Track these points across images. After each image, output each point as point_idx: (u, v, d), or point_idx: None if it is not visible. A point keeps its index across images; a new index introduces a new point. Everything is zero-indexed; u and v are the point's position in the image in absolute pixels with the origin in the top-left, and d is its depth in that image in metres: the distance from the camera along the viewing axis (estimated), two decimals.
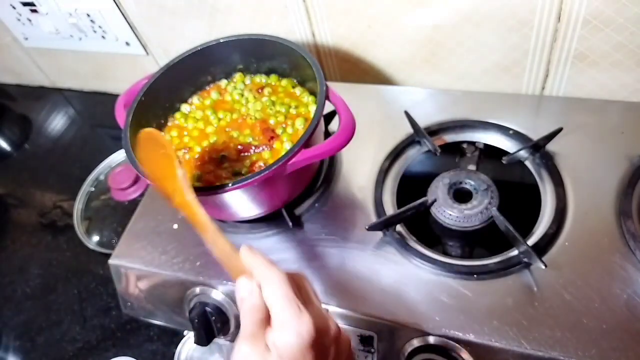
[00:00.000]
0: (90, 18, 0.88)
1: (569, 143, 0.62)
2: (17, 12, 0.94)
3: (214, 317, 0.59)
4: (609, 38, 0.62)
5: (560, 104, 0.68)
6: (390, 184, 0.64)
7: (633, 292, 0.49)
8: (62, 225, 0.90)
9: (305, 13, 0.75)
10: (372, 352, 0.55)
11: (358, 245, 0.59)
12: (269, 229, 0.63)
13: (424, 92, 0.72)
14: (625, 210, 0.54)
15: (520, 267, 0.53)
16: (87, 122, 1.09)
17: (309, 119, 0.60)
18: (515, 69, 0.71)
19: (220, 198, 0.54)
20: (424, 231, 0.60)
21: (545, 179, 0.61)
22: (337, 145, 0.53)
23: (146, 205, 0.70)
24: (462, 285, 0.53)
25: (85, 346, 0.76)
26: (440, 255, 0.56)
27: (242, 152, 0.59)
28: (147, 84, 0.62)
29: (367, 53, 0.78)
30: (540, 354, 0.48)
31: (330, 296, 0.56)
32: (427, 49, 0.73)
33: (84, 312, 0.79)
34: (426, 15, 0.68)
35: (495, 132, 0.66)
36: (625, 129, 0.61)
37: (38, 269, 0.86)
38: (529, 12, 0.63)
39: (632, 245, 0.52)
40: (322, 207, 0.63)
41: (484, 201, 0.57)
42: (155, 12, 0.84)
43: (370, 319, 0.54)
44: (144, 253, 0.64)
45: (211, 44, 0.65)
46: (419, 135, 0.66)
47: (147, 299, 0.66)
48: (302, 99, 0.64)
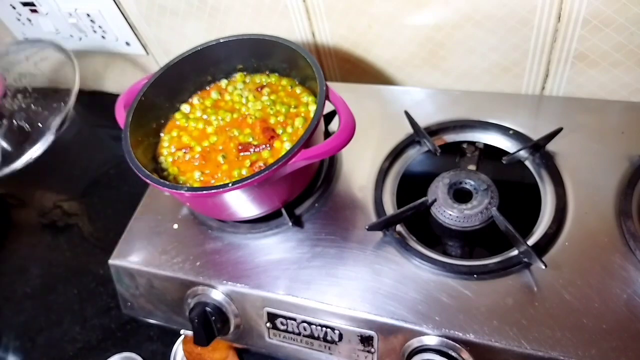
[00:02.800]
0: (90, 18, 0.88)
1: (569, 143, 0.62)
2: (17, 12, 0.94)
3: (214, 317, 0.59)
4: (609, 38, 0.62)
5: (560, 104, 0.68)
6: (390, 184, 0.64)
7: (633, 292, 0.49)
8: (62, 225, 0.90)
9: (305, 13, 0.75)
10: (372, 352, 0.55)
11: (358, 245, 0.59)
12: (269, 229, 0.63)
13: (424, 92, 0.72)
14: (625, 210, 0.54)
15: (520, 267, 0.53)
16: (87, 122, 1.09)
17: (308, 118, 0.60)
18: (515, 69, 0.71)
19: (220, 198, 0.54)
20: (424, 231, 0.60)
21: (545, 179, 0.61)
22: (337, 145, 0.53)
23: (146, 205, 0.70)
24: (462, 285, 0.53)
25: (85, 346, 0.76)
26: (440, 255, 0.56)
27: (242, 152, 0.59)
28: (147, 84, 0.62)
29: (367, 53, 0.78)
30: (540, 354, 0.48)
31: (330, 296, 0.56)
32: (427, 49, 0.73)
33: (84, 312, 0.79)
34: (426, 15, 0.68)
35: (495, 132, 0.66)
36: (625, 129, 0.61)
37: (38, 269, 0.86)
38: (529, 12, 0.63)
39: (632, 245, 0.52)
40: (322, 207, 0.63)
41: (484, 201, 0.57)
42: (155, 12, 0.84)
43: (370, 319, 0.54)
44: (144, 253, 0.64)
45: (211, 44, 0.65)
46: (419, 135, 0.66)
47: (147, 299, 0.66)
48: (302, 99, 0.64)
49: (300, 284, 0.57)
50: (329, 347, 0.57)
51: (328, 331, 0.56)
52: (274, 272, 0.59)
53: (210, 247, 0.63)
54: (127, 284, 0.66)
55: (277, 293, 0.57)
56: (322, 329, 0.56)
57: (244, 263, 0.61)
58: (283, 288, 0.57)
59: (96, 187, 0.96)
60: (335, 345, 0.57)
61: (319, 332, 0.57)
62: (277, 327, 0.59)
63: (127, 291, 0.67)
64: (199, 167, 0.59)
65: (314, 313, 0.56)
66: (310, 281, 0.57)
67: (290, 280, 0.58)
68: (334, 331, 0.56)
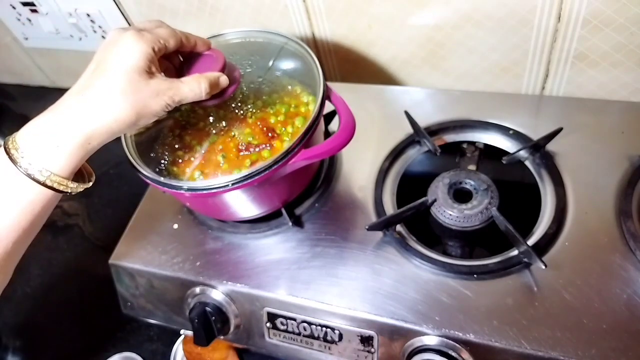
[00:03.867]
0: (90, 18, 0.88)
1: (569, 143, 0.62)
2: (17, 12, 0.94)
3: (214, 317, 0.59)
4: (609, 38, 0.62)
5: (560, 104, 0.68)
6: (390, 184, 0.64)
7: (633, 292, 0.49)
8: (62, 225, 0.90)
9: (305, 13, 0.75)
10: (372, 352, 0.55)
11: (358, 245, 0.59)
12: (269, 229, 0.63)
13: (424, 92, 0.72)
14: (625, 210, 0.54)
15: (520, 267, 0.53)
16: None
17: (308, 118, 0.60)
18: (515, 69, 0.71)
19: (220, 198, 0.54)
20: (424, 231, 0.60)
21: (545, 179, 0.61)
22: (337, 145, 0.53)
23: (146, 205, 0.70)
24: (462, 285, 0.53)
25: (85, 346, 0.76)
26: (440, 255, 0.56)
27: (242, 152, 0.59)
28: None
29: (367, 53, 0.78)
30: (540, 354, 0.48)
31: (330, 296, 0.56)
32: (427, 49, 0.73)
33: (84, 312, 0.79)
34: (426, 15, 0.68)
35: (495, 132, 0.66)
36: (625, 129, 0.61)
37: (38, 269, 0.86)
38: (529, 12, 0.63)
39: (632, 245, 0.52)
40: (322, 207, 0.63)
41: (484, 201, 0.57)
42: (155, 12, 0.84)
43: (370, 319, 0.54)
44: (144, 253, 0.64)
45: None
46: (419, 135, 0.66)
47: (147, 299, 0.66)
48: (302, 99, 0.63)
49: (300, 284, 0.57)
50: (329, 347, 0.57)
51: (328, 331, 0.56)
52: (274, 272, 0.59)
53: (210, 247, 0.63)
54: (127, 284, 0.66)
55: (277, 293, 0.57)
56: (322, 329, 0.56)
57: (244, 263, 0.61)
58: (283, 288, 0.57)
59: (96, 187, 0.95)
60: (335, 345, 0.57)
61: (319, 332, 0.57)
62: (277, 327, 0.59)
63: (127, 291, 0.67)
64: (199, 167, 0.59)
65: (314, 313, 0.56)
66: (310, 281, 0.57)
67: (290, 280, 0.58)
68: (334, 331, 0.56)
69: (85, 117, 0.44)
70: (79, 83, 0.46)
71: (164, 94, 0.46)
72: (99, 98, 0.44)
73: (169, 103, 0.47)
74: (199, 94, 0.49)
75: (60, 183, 0.44)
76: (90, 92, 0.44)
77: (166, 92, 0.46)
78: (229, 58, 0.57)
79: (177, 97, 0.47)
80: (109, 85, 0.44)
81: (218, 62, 0.53)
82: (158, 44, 0.47)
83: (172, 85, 0.47)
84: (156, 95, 0.46)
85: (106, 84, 0.44)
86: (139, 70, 0.45)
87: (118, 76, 0.44)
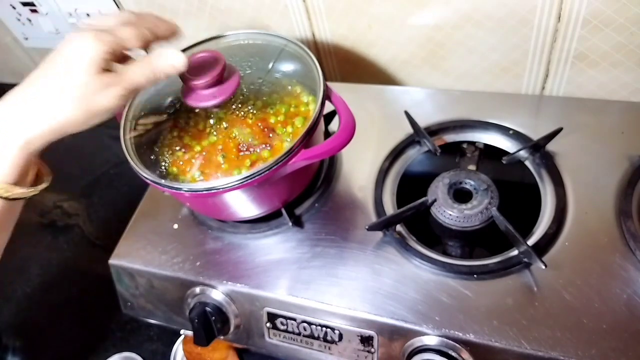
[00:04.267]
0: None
1: (569, 143, 0.62)
2: (17, 12, 0.94)
3: (214, 317, 0.59)
4: (609, 38, 0.62)
5: (560, 104, 0.68)
6: (390, 184, 0.64)
7: (633, 292, 0.49)
8: (62, 225, 0.90)
9: (305, 13, 0.75)
10: (372, 352, 0.55)
11: (358, 245, 0.59)
12: (269, 229, 0.63)
13: (424, 92, 0.72)
14: (625, 210, 0.54)
15: (520, 267, 0.53)
16: None
17: (309, 118, 0.60)
18: (515, 69, 0.71)
19: (220, 198, 0.54)
20: (424, 231, 0.60)
21: (545, 179, 0.61)
22: (337, 145, 0.53)
23: (146, 205, 0.70)
24: (462, 285, 0.53)
25: (85, 346, 0.76)
26: (440, 255, 0.56)
27: (242, 152, 0.59)
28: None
29: (367, 53, 0.78)
30: (540, 354, 0.48)
31: (330, 296, 0.56)
32: (427, 49, 0.73)
33: (83, 312, 0.79)
34: (426, 15, 0.68)
35: (495, 132, 0.66)
36: (625, 129, 0.61)
37: (38, 269, 0.86)
38: (528, 12, 0.63)
39: (632, 245, 0.52)
40: (322, 207, 0.63)
41: (484, 201, 0.57)
42: (155, 12, 0.84)
43: (370, 319, 0.54)
44: (144, 253, 0.64)
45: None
46: (419, 135, 0.66)
47: (147, 299, 0.66)
48: (302, 99, 0.63)
49: (300, 284, 0.57)
50: (329, 347, 0.57)
51: (328, 331, 0.56)
52: (274, 272, 0.59)
53: (210, 247, 0.63)
54: (127, 284, 0.66)
55: (277, 293, 0.57)
56: (322, 329, 0.56)
57: (244, 263, 0.61)
58: (283, 288, 0.57)
59: (96, 187, 0.96)
60: (335, 345, 0.57)
61: (319, 332, 0.57)
62: (277, 327, 0.59)
63: (127, 291, 0.67)
64: (199, 167, 0.59)
65: (314, 313, 0.56)
66: (310, 281, 0.57)
67: (290, 280, 0.58)
68: (334, 331, 0.56)
69: (25, 119, 0.43)
70: (24, 83, 0.45)
71: (113, 86, 0.45)
72: (39, 98, 0.43)
73: (123, 94, 0.45)
74: (150, 75, 0.48)
75: (7, 190, 0.43)
76: (31, 92, 0.44)
77: (116, 83, 0.45)
78: (229, 60, 0.57)
79: (128, 84, 0.46)
80: (51, 85, 0.43)
81: (217, 63, 0.53)
82: (115, 45, 0.45)
83: (121, 76, 0.45)
84: (105, 89, 0.44)
85: (48, 84, 0.44)
86: (86, 69, 0.43)
87: (61, 76, 0.43)
